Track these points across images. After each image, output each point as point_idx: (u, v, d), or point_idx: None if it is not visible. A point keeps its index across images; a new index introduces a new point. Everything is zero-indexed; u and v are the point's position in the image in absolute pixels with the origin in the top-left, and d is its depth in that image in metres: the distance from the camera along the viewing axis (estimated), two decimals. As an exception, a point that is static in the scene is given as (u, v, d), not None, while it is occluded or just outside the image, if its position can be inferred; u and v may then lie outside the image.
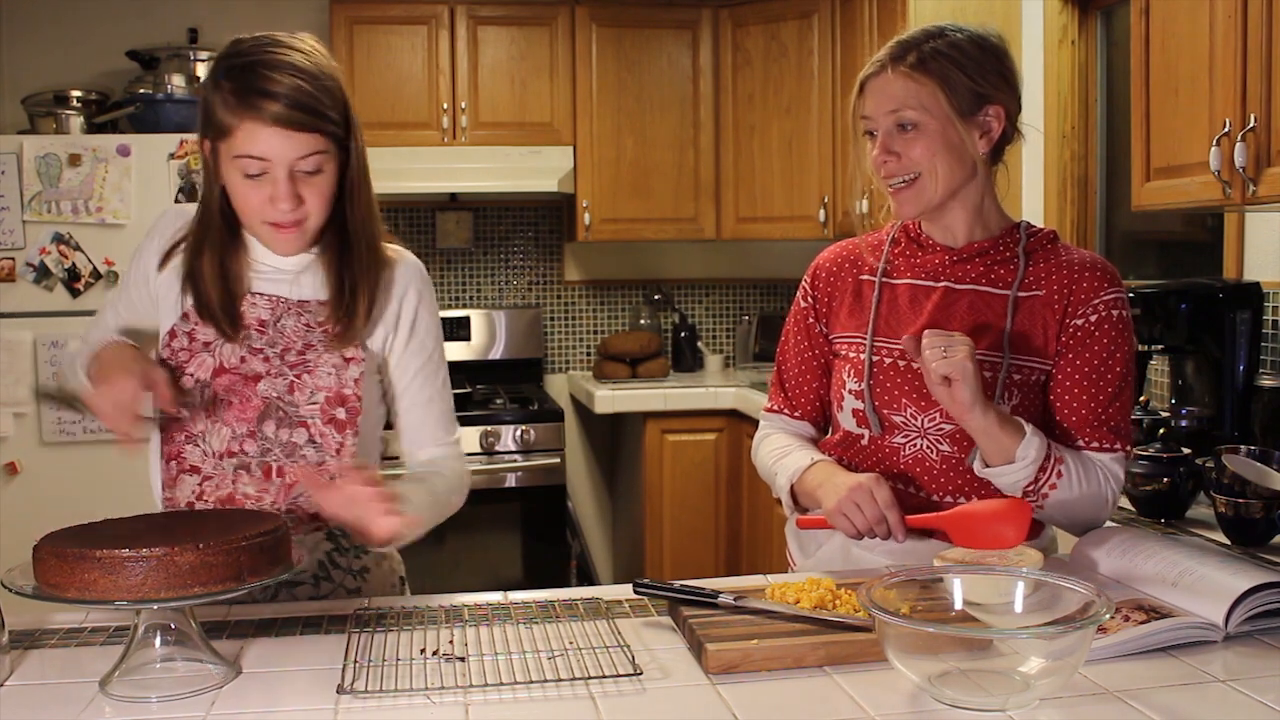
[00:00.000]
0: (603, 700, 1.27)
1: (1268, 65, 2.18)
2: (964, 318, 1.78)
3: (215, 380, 1.70)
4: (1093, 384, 1.75)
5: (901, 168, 1.75)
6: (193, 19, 4.62)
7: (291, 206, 1.62)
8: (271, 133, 1.58)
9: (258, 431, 1.70)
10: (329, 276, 1.73)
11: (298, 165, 1.61)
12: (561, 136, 4.68)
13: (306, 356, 1.72)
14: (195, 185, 3.94)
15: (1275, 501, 1.95)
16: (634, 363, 4.83)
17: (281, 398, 1.71)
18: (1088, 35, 3.65)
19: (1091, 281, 1.77)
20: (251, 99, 1.58)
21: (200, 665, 1.35)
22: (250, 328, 1.71)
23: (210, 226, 1.71)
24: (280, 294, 1.74)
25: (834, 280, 1.92)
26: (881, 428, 1.80)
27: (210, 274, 1.70)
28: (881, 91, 1.75)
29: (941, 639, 1.24)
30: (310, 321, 1.73)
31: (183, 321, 1.72)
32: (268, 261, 1.74)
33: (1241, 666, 1.35)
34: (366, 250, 1.73)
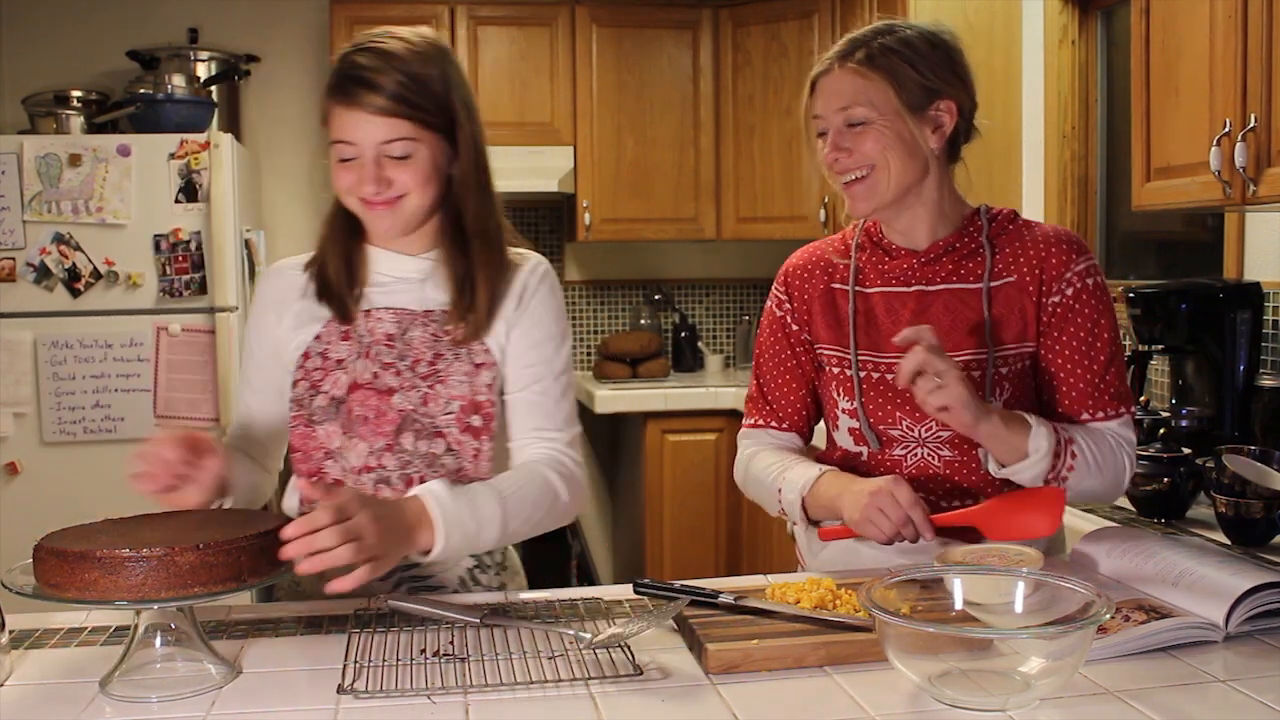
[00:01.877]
0: (603, 700, 1.27)
1: (1268, 65, 2.18)
2: (941, 320, 1.77)
3: (350, 396, 1.71)
4: (1085, 356, 1.75)
5: (854, 162, 1.74)
6: (193, 19, 4.63)
7: (376, 189, 1.65)
8: (356, 117, 1.63)
9: (395, 445, 1.70)
10: (450, 277, 1.74)
11: (385, 150, 1.64)
12: (562, 136, 4.68)
13: (438, 367, 1.72)
14: (195, 185, 3.93)
15: (1275, 501, 1.95)
16: (634, 363, 4.83)
17: (417, 410, 1.70)
18: (1088, 35, 3.65)
19: (1060, 256, 1.77)
20: (341, 84, 1.64)
21: (200, 665, 1.35)
22: (379, 342, 1.72)
23: (337, 219, 1.77)
24: (405, 306, 1.74)
25: (806, 286, 1.90)
26: (879, 443, 1.80)
27: (335, 262, 1.75)
28: (830, 89, 1.76)
29: (941, 639, 1.24)
30: (437, 331, 1.73)
31: (316, 343, 1.73)
32: (390, 272, 1.76)
33: (1242, 666, 1.35)
34: (484, 246, 1.74)
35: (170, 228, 3.94)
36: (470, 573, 1.78)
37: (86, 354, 3.92)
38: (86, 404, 3.92)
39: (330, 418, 1.71)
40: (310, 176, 4.81)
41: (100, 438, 3.93)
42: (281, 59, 4.71)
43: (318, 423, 1.71)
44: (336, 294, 1.74)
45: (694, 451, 4.49)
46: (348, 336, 1.73)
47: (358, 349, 1.72)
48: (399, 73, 1.63)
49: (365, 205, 1.68)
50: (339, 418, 1.71)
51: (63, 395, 3.91)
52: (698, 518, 4.52)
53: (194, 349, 3.96)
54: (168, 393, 3.95)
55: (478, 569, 1.79)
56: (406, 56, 1.65)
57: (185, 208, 3.95)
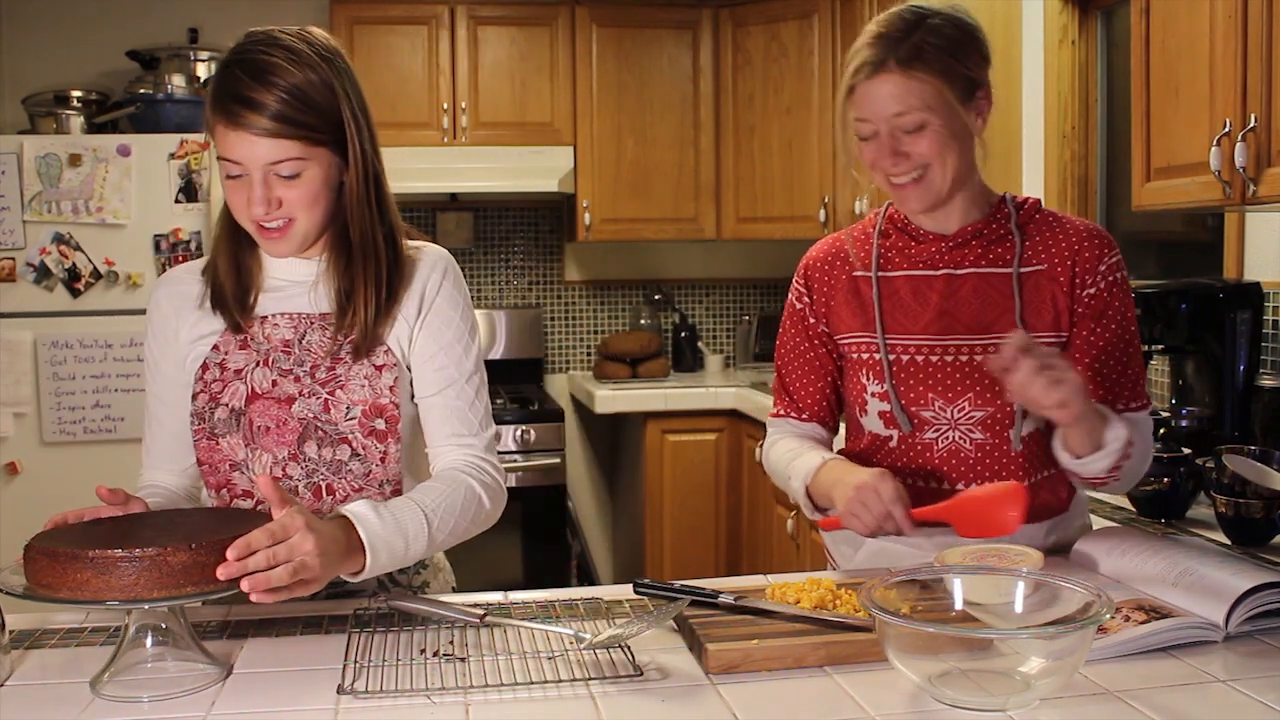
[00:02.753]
0: (603, 700, 1.27)
1: (1268, 65, 2.17)
2: (971, 302, 1.77)
3: (249, 406, 1.67)
4: (1120, 349, 1.77)
5: (910, 165, 1.71)
6: (193, 19, 4.63)
7: (265, 210, 1.59)
8: (240, 137, 1.56)
9: (300, 454, 1.67)
10: (333, 283, 1.70)
11: (273, 170, 1.58)
12: (562, 136, 4.68)
13: (336, 371, 1.68)
14: (195, 185, 3.94)
15: (1275, 501, 1.95)
16: (634, 363, 4.83)
17: (318, 417, 1.67)
18: (1088, 35, 3.65)
19: (1093, 250, 1.78)
20: (225, 103, 1.56)
21: (191, 665, 1.35)
22: (276, 349, 1.69)
23: (225, 223, 1.71)
24: (301, 310, 1.71)
25: (828, 278, 1.89)
26: (911, 425, 1.79)
27: (225, 266, 1.71)
28: (881, 94, 1.69)
29: (941, 639, 1.24)
30: (334, 334, 1.69)
31: (213, 353, 1.70)
32: (281, 275, 1.72)
33: (1242, 666, 1.35)
34: (369, 256, 1.68)
35: (170, 228, 3.94)
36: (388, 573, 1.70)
37: (86, 354, 3.92)
38: (86, 404, 3.92)
39: (232, 430, 1.67)
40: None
41: (100, 438, 3.93)
42: (281, 59, 4.71)
43: (220, 435, 1.67)
44: (228, 302, 1.70)
45: (694, 451, 4.49)
46: (245, 345, 1.69)
47: (255, 357, 1.68)
48: (284, 90, 1.56)
49: (258, 228, 1.63)
50: (240, 429, 1.67)
51: (63, 395, 3.91)
52: (698, 518, 4.52)
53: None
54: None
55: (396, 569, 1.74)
56: (291, 69, 1.57)
57: (185, 208, 3.96)
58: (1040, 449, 1.79)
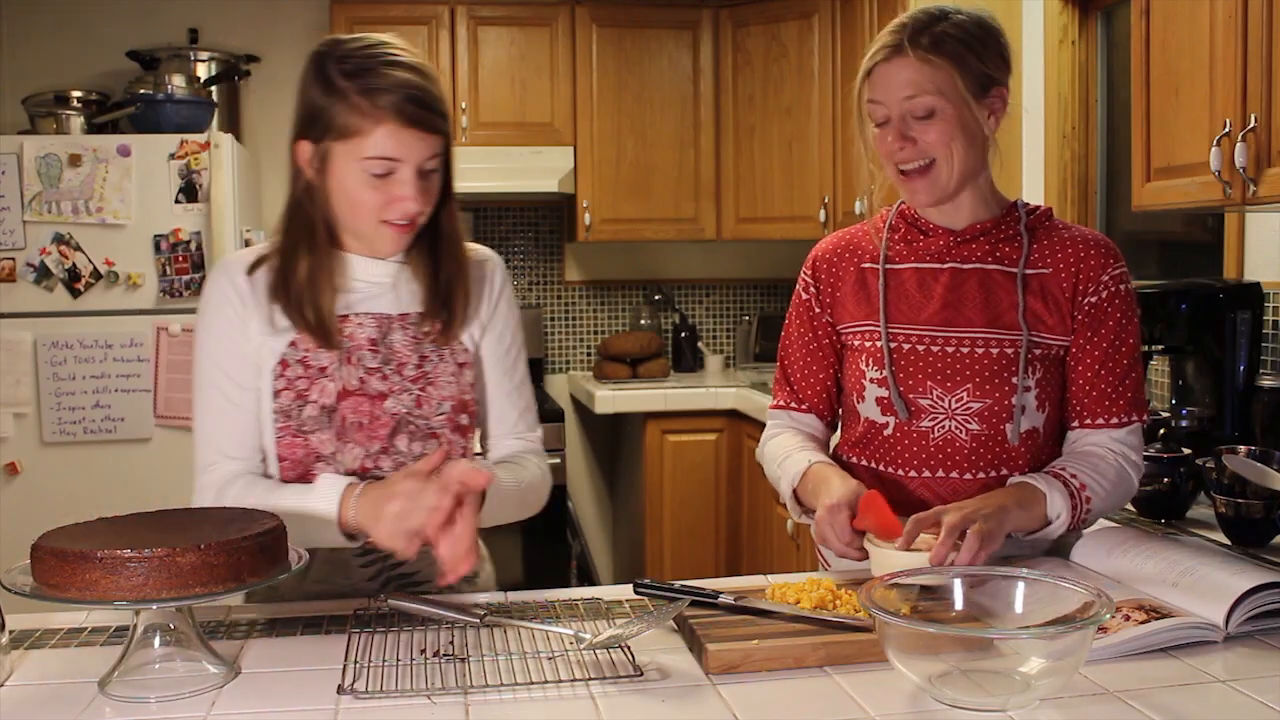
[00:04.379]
0: (603, 700, 1.27)
1: (1268, 65, 2.17)
2: (975, 297, 1.79)
3: (340, 403, 1.69)
4: (1110, 359, 1.78)
5: (917, 153, 1.74)
6: (193, 19, 4.63)
7: (419, 206, 1.63)
8: (407, 134, 1.59)
9: (391, 447, 1.71)
10: (424, 279, 1.74)
11: (424, 165, 1.63)
12: (562, 137, 4.68)
13: (425, 369, 1.73)
14: (195, 185, 3.93)
15: (1275, 502, 1.95)
16: (634, 363, 4.83)
17: (410, 412, 1.71)
18: (1088, 35, 3.65)
19: (1098, 258, 1.80)
20: (388, 99, 1.58)
21: (199, 666, 1.35)
22: (361, 348, 1.71)
23: (306, 231, 1.69)
24: (383, 310, 1.73)
25: (835, 269, 1.91)
26: (908, 412, 1.80)
27: (304, 280, 1.67)
28: (895, 77, 1.72)
29: (942, 639, 1.24)
30: (416, 333, 1.73)
31: (292, 350, 1.69)
32: (364, 277, 1.73)
33: (1242, 667, 1.35)
34: (454, 249, 1.75)
35: (170, 228, 3.94)
36: None
37: (86, 354, 3.92)
38: (86, 404, 3.92)
39: (322, 426, 1.69)
40: (310, 177, 4.81)
41: (100, 438, 3.93)
42: (281, 59, 4.71)
43: (309, 431, 1.68)
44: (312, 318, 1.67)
45: (694, 452, 4.49)
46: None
47: (339, 355, 1.70)
48: (432, 86, 1.63)
49: (390, 228, 1.65)
50: (331, 425, 1.69)
51: (63, 395, 3.91)
52: (698, 518, 4.52)
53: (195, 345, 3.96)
54: (168, 393, 3.95)
55: None
56: (427, 70, 1.64)
57: (185, 208, 3.95)
58: (1038, 446, 1.80)
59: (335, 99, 1.60)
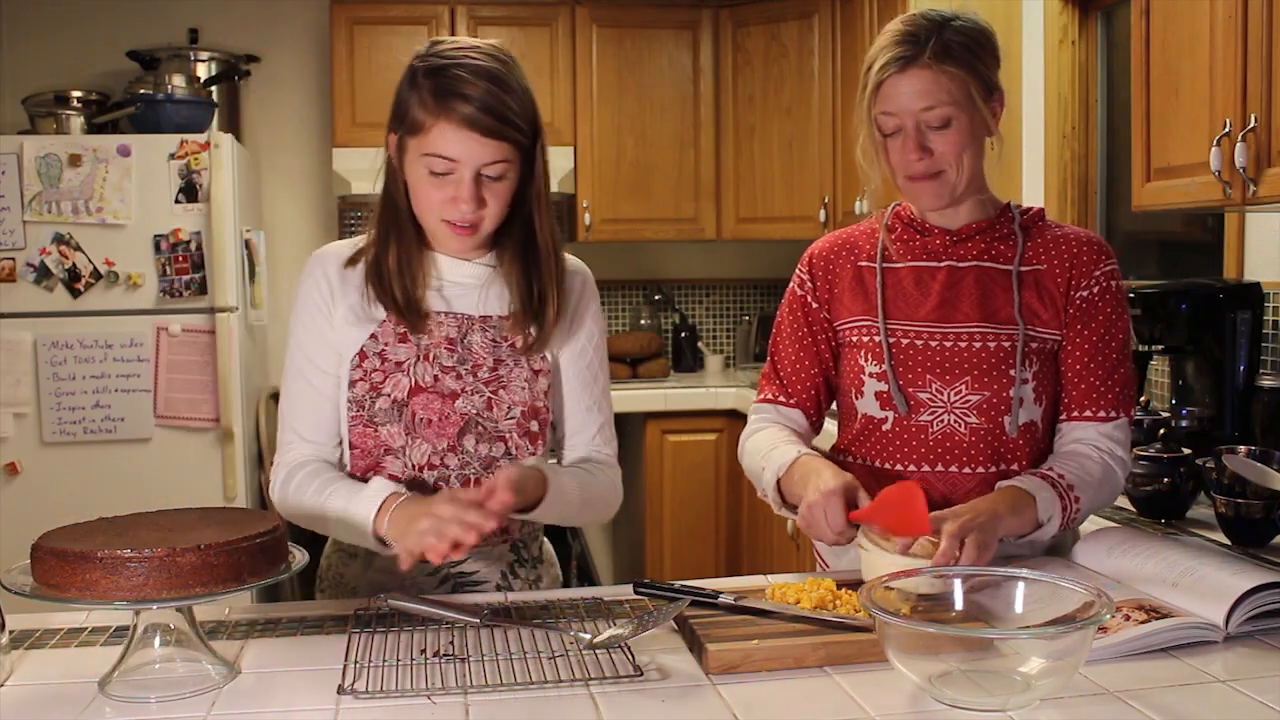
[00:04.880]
0: (603, 700, 1.27)
1: (1268, 65, 2.17)
2: (971, 293, 1.80)
3: (412, 399, 1.71)
4: (1099, 353, 1.79)
5: (934, 164, 1.74)
6: (193, 19, 4.63)
7: (473, 209, 1.65)
8: (464, 136, 1.62)
9: (458, 446, 1.73)
10: (516, 287, 1.75)
11: (484, 170, 1.64)
12: (562, 136, 4.68)
13: (499, 372, 1.74)
14: (195, 185, 3.94)
15: (1275, 502, 1.95)
16: (634, 363, 4.83)
17: (480, 414, 1.73)
18: (1088, 35, 3.65)
19: (1090, 255, 1.82)
20: (449, 100, 1.61)
21: (199, 666, 1.35)
22: (439, 345, 1.73)
23: (397, 220, 1.73)
24: (465, 311, 1.75)
25: (832, 267, 1.91)
26: (908, 406, 1.80)
27: (394, 266, 1.72)
28: (912, 88, 1.71)
29: (942, 639, 1.24)
30: (496, 336, 1.75)
31: (372, 342, 1.72)
32: (450, 277, 1.76)
33: (1242, 667, 1.35)
34: (553, 261, 1.76)
35: (170, 228, 3.94)
36: (510, 567, 1.81)
37: (86, 354, 3.92)
38: (86, 404, 3.92)
39: (393, 420, 1.72)
40: (310, 176, 4.81)
41: (100, 438, 3.93)
42: (282, 59, 4.71)
43: (379, 424, 1.72)
44: (402, 299, 1.72)
45: (694, 452, 4.49)
46: (405, 339, 1.73)
47: (416, 351, 1.73)
48: (503, 93, 1.64)
49: (450, 227, 1.68)
50: (401, 420, 1.72)
51: (63, 395, 3.91)
52: (698, 518, 4.52)
53: (194, 349, 3.96)
54: (168, 393, 3.96)
55: (516, 563, 1.82)
56: (505, 78, 1.65)
57: (185, 208, 3.95)
58: (1036, 439, 1.80)
59: (413, 94, 1.66)
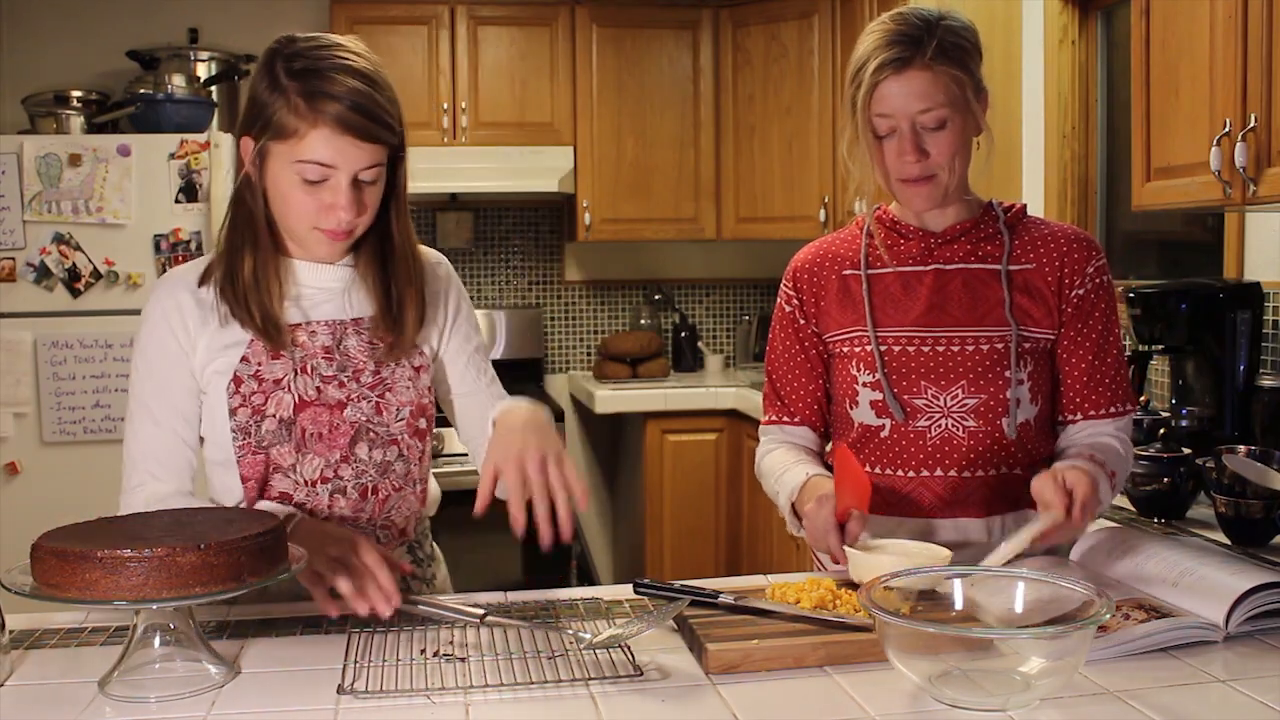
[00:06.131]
0: (603, 700, 1.27)
1: (1268, 65, 2.18)
2: (960, 296, 1.79)
3: (298, 415, 1.66)
4: (1102, 350, 1.80)
5: (929, 166, 1.73)
6: (193, 19, 4.63)
7: (352, 216, 1.59)
8: (344, 141, 1.55)
9: (351, 455, 1.70)
10: (375, 289, 1.71)
11: (360, 174, 1.59)
12: (562, 136, 4.68)
13: (382, 374, 1.71)
14: (195, 185, 3.94)
15: (1275, 501, 1.95)
16: (634, 363, 4.83)
17: (370, 420, 1.70)
18: (1088, 35, 3.65)
19: (1081, 252, 1.81)
20: (323, 104, 1.54)
21: (199, 665, 1.35)
22: (315, 356, 1.68)
23: (253, 230, 1.65)
24: (334, 316, 1.71)
25: (816, 279, 1.90)
26: (904, 413, 1.80)
27: (250, 280, 1.64)
28: (907, 90, 1.69)
29: (941, 639, 1.24)
30: (370, 338, 1.71)
31: (244, 365, 1.65)
32: (310, 283, 1.70)
33: (1242, 666, 1.35)
34: (410, 259, 1.73)
35: (170, 228, 3.94)
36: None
37: (86, 354, 3.92)
38: (86, 404, 3.92)
39: (282, 440, 1.66)
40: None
41: (100, 438, 3.93)
42: (281, 59, 4.71)
43: (268, 446, 1.66)
44: (259, 314, 1.64)
45: (694, 451, 4.49)
46: (277, 355, 1.66)
47: (292, 365, 1.67)
48: (385, 98, 1.59)
49: (325, 235, 1.62)
50: (291, 438, 1.66)
51: (63, 395, 3.91)
52: (698, 518, 4.52)
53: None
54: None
55: (413, 563, 1.82)
56: (376, 77, 1.60)
57: (185, 208, 3.95)
58: (1035, 438, 1.80)
59: (278, 96, 1.56)
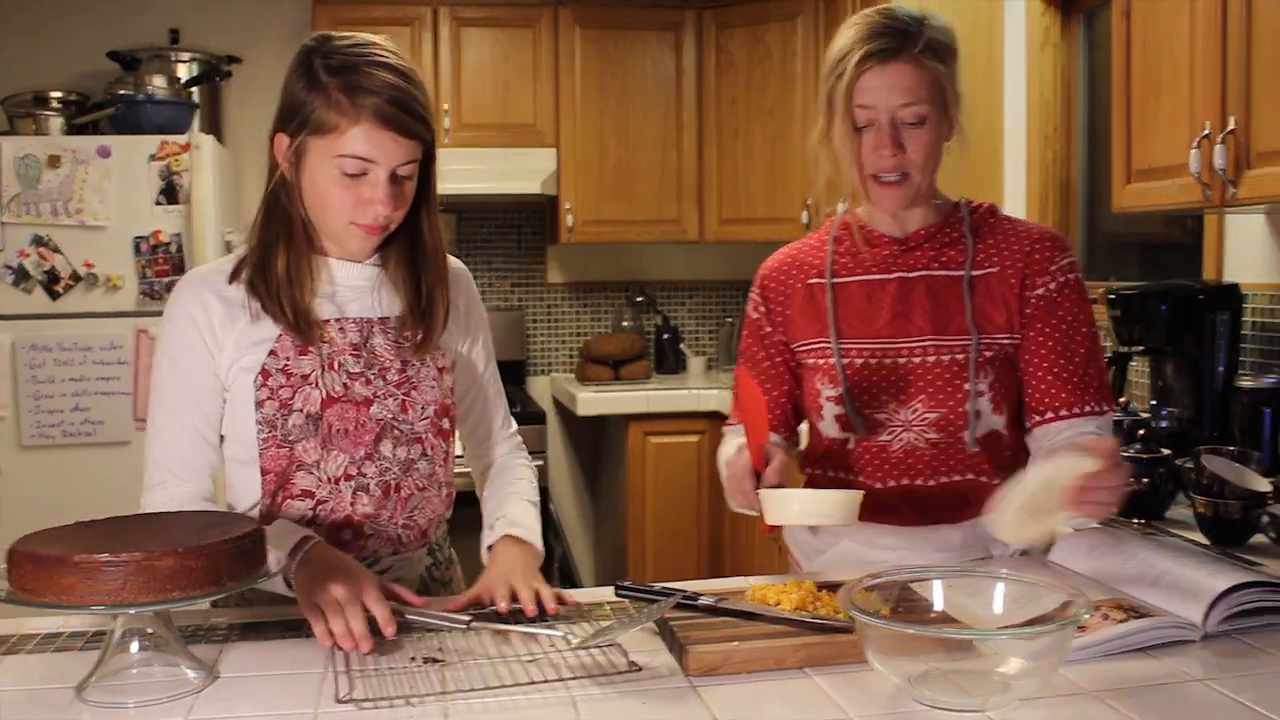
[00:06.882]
0: (584, 704, 1.27)
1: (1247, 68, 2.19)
2: (924, 305, 1.78)
3: (325, 411, 1.67)
4: (1068, 347, 1.76)
5: (904, 163, 1.71)
6: (174, 20, 4.61)
7: (389, 210, 1.61)
8: (384, 136, 1.58)
9: (375, 453, 1.70)
10: (406, 286, 1.73)
11: (399, 170, 1.61)
12: (545, 138, 4.68)
13: (408, 373, 1.72)
14: (176, 187, 3.92)
15: (1253, 502, 1.96)
16: (616, 365, 4.83)
17: (395, 417, 1.71)
18: (1070, 37, 3.66)
19: (1045, 251, 1.79)
20: (364, 99, 1.57)
21: (178, 670, 1.34)
22: (343, 353, 1.69)
23: (284, 226, 1.68)
24: (362, 314, 1.72)
25: (783, 287, 1.90)
26: (866, 428, 1.80)
27: (284, 275, 1.66)
28: (893, 83, 1.68)
29: (921, 640, 1.24)
30: (396, 337, 1.73)
31: (272, 359, 1.66)
32: (341, 281, 1.71)
33: (1220, 666, 1.35)
34: (438, 259, 1.74)
35: (150, 229, 3.93)
36: (428, 570, 1.83)
37: (66, 357, 3.90)
38: (65, 407, 3.90)
39: (308, 435, 1.67)
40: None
41: (79, 441, 3.91)
42: (263, 60, 4.69)
43: (294, 441, 1.67)
44: (291, 310, 1.66)
45: (676, 453, 4.50)
46: (305, 350, 1.67)
47: (320, 361, 1.68)
48: (415, 91, 1.62)
49: (360, 229, 1.63)
50: (318, 433, 1.67)
51: (41, 399, 3.89)
52: (680, 520, 4.52)
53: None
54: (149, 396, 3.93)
55: (433, 565, 1.84)
56: (412, 74, 1.63)
57: (166, 209, 3.94)
58: (999, 448, 1.79)
59: (317, 93, 1.59)
